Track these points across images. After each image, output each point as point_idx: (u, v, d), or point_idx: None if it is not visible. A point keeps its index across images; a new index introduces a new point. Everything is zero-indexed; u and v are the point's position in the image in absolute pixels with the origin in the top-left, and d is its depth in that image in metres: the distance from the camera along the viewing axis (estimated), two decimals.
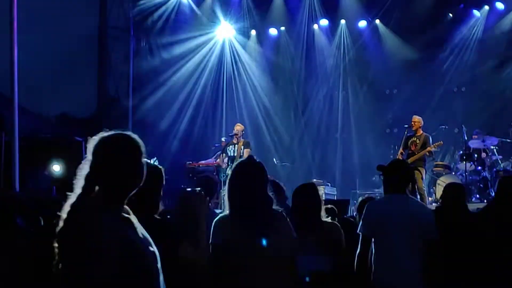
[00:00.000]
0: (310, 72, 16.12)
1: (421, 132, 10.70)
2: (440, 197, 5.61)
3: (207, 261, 3.06)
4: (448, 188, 5.42)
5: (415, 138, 10.65)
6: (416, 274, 4.11)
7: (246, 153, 10.59)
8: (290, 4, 15.59)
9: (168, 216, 3.65)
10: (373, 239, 4.25)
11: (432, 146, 10.45)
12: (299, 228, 3.74)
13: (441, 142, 10.72)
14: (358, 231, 4.38)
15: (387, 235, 4.16)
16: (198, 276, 3.17)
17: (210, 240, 3.20)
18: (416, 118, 10.80)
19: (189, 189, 3.27)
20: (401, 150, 10.72)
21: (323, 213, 4.35)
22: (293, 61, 16.18)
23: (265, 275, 3.09)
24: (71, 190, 2.36)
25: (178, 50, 15.55)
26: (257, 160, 3.40)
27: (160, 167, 3.23)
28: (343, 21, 15.66)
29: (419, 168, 10.23)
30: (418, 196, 9.50)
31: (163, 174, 3.21)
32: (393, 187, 4.37)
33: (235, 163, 3.45)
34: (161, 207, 3.31)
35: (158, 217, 3.17)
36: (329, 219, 4.43)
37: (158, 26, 15.28)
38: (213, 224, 3.31)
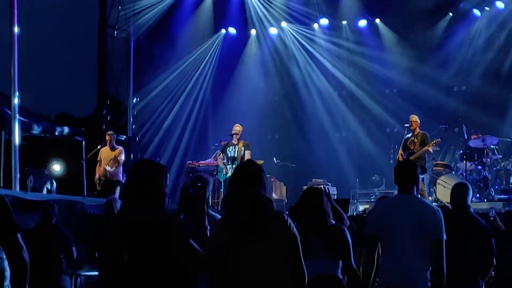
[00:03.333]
0: (310, 72, 16.12)
1: (418, 130, 10.74)
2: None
3: (205, 262, 3.09)
4: (456, 188, 5.41)
5: (413, 137, 10.69)
6: (422, 274, 4.11)
7: (247, 155, 10.53)
8: (290, 3, 15.60)
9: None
10: (380, 239, 4.25)
11: (431, 143, 10.46)
12: (305, 231, 3.76)
13: (439, 139, 10.73)
14: (364, 231, 4.39)
15: (394, 235, 4.16)
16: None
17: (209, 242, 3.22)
18: (414, 117, 10.83)
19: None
20: (401, 151, 10.74)
21: (330, 216, 4.32)
22: (293, 60, 16.18)
23: (262, 278, 3.07)
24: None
25: (177, 49, 15.56)
26: (255, 162, 3.43)
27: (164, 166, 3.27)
28: (344, 22, 15.68)
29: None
30: (419, 196, 9.49)
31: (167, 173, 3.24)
32: (400, 187, 4.40)
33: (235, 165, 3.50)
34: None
35: (166, 215, 3.21)
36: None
37: (158, 25, 15.28)
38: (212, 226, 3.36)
